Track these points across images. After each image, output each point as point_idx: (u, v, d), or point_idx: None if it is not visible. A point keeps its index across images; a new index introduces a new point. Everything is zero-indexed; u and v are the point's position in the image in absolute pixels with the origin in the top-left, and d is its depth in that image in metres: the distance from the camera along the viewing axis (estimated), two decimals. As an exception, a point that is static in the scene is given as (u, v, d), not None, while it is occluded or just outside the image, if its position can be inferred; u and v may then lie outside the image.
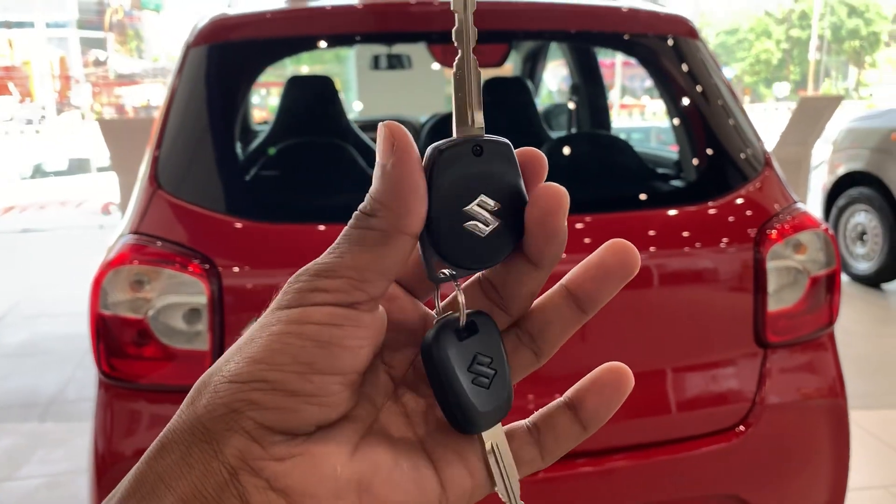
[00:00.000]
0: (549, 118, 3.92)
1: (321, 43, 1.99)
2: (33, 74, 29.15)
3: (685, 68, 1.93)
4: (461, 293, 0.35)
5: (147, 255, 1.57)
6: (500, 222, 0.33)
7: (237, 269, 1.56)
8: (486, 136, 0.33)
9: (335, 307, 0.32)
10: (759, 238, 1.69)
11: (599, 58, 3.13)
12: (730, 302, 1.72)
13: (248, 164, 2.26)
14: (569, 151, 2.17)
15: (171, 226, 1.61)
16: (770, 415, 1.71)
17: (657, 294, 1.70)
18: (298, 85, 2.71)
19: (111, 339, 1.56)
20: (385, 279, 0.33)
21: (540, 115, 3.95)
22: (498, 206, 0.33)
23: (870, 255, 5.40)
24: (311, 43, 2.08)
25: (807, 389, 1.79)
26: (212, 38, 1.80)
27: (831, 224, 5.69)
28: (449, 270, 0.34)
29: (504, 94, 2.68)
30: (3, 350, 4.41)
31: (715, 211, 1.74)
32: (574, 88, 3.41)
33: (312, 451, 0.32)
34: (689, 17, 2.00)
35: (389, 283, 0.33)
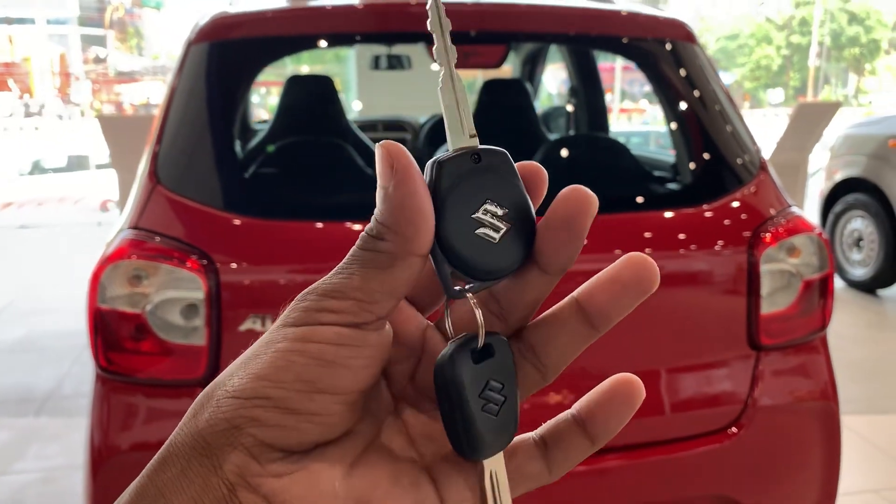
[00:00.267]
0: (548, 120, 3.94)
1: (321, 42, 2.00)
2: (33, 71, 29.15)
3: (682, 72, 1.94)
4: (479, 310, 0.34)
5: (146, 251, 1.58)
6: (510, 226, 0.33)
7: (234, 266, 1.57)
8: (482, 147, 0.33)
9: (342, 327, 0.31)
10: (753, 241, 1.70)
11: (599, 62, 3.14)
12: (723, 304, 1.73)
13: (248, 161, 2.27)
14: (565, 153, 2.19)
15: (169, 221, 1.62)
16: (762, 417, 1.72)
17: (652, 296, 1.71)
18: (298, 84, 2.72)
19: (109, 334, 1.57)
20: (394, 299, 0.32)
21: (539, 117, 3.97)
22: (505, 212, 0.33)
23: (866, 261, 5.42)
24: (310, 42, 2.09)
25: (799, 392, 1.80)
26: (212, 35, 1.81)
27: (828, 230, 5.71)
28: (467, 284, 0.34)
29: (502, 95, 2.69)
30: (2, 345, 4.42)
31: (709, 214, 1.75)
32: (572, 91, 3.43)
33: (311, 467, 0.32)
34: (688, 22, 2.02)
35: (398, 302, 0.33)
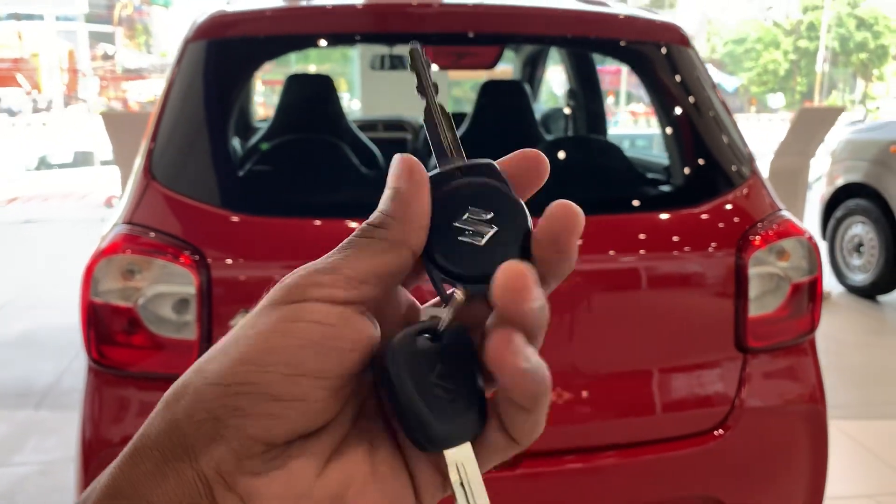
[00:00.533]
0: (549, 122, 3.95)
1: (317, 42, 2.02)
2: (41, 67, 29.26)
3: (676, 75, 1.95)
4: (452, 309, 0.33)
5: (139, 245, 1.60)
6: (496, 230, 0.33)
7: (226, 262, 1.59)
8: (466, 162, 0.34)
9: (330, 305, 0.31)
10: (742, 244, 1.71)
11: (606, 64, 3.15)
12: (711, 306, 1.74)
13: (243, 159, 2.29)
14: (557, 155, 2.20)
15: (163, 217, 1.64)
16: (749, 419, 1.73)
17: (640, 296, 1.72)
18: (298, 83, 2.73)
19: (101, 327, 1.59)
20: (382, 286, 0.32)
21: (540, 118, 3.98)
22: (491, 216, 0.33)
23: (866, 266, 5.42)
24: (307, 41, 2.11)
25: (786, 395, 1.82)
26: (209, 34, 1.83)
27: (828, 235, 5.71)
28: (461, 289, 0.33)
29: (500, 96, 2.70)
30: (2, 339, 4.45)
31: (699, 216, 1.76)
32: (571, 93, 3.44)
33: (289, 465, 0.31)
34: (684, 25, 2.03)
35: (384, 292, 0.33)
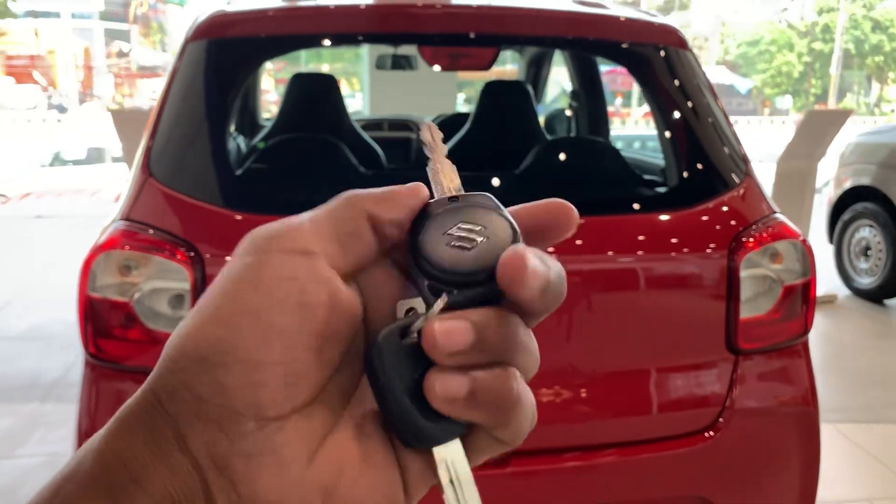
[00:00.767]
0: (554, 123, 3.96)
1: (316, 42, 2.04)
2: (57, 64, 29.49)
3: (673, 77, 1.96)
4: (431, 301, 0.32)
5: (136, 241, 1.63)
6: (485, 240, 0.33)
7: (220, 258, 1.61)
8: (464, 192, 0.35)
9: (291, 255, 0.31)
10: (734, 246, 1.72)
11: (618, 66, 3.15)
12: (703, 308, 1.75)
13: (241, 157, 2.31)
14: (554, 156, 2.21)
15: (159, 214, 1.67)
16: (739, 420, 1.74)
17: (632, 297, 1.73)
18: (301, 82, 2.76)
19: (98, 321, 1.62)
20: (341, 243, 0.32)
21: (545, 118, 3.99)
22: (481, 228, 0.33)
23: (873, 270, 5.39)
24: (306, 42, 2.13)
25: (777, 397, 1.82)
26: (209, 33, 1.85)
27: (836, 238, 5.69)
28: (445, 290, 0.33)
29: (502, 97, 2.71)
30: (10, 333, 4.51)
31: (692, 218, 1.77)
32: (573, 94, 3.45)
33: (281, 451, 0.30)
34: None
35: (351, 258, 0.33)
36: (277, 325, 0.30)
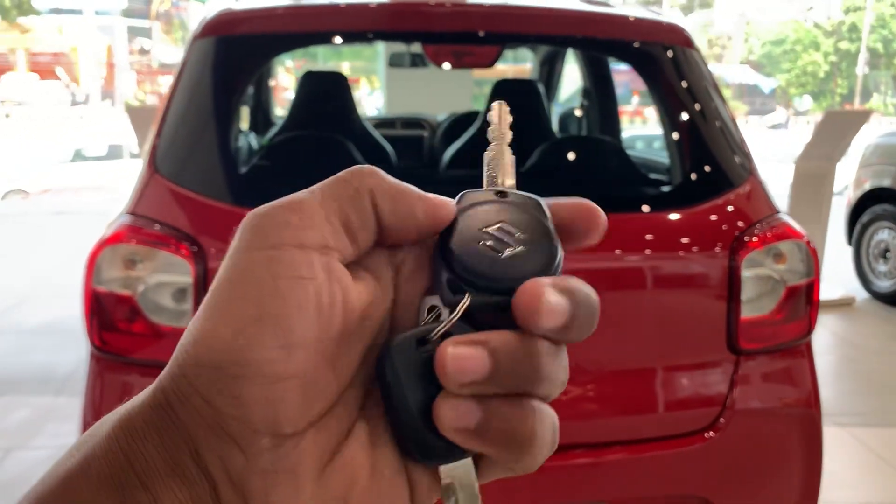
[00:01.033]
0: (568, 121, 3.95)
1: (321, 39, 2.05)
2: (80, 61, 29.82)
3: (678, 76, 1.95)
4: (460, 311, 0.30)
5: (140, 236, 1.65)
6: (522, 249, 0.31)
7: (222, 253, 1.63)
8: (512, 190, 0.33)
9: (310, 252, 0.29)
10: (736, 246, 1.71)
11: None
12: (704, 307, 1.75)
13: (246, 154, 2.33)
14: (559, 154, 2.21)
15: (164, 209, 1.69)
16: (740, 420, 1.73)
17: (633, 295, 1.73)
18: (311, 80, 2.77)
19: (103, 314, 1.65)
20: (351, 234, 0.30)
21: (559, 117, 3.98)
22: (522, 236, 0.31)
23: (892, 272, 5.34)
24: (312, 39, 2.15)
25: (779, 398, 1.81)
26: (216, 31, 1.87)
27: (854, 240, 5.63)
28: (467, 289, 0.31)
29: (513, 95, 2.71)
30: (26, 327, 4.57)
31: (694, 217, 1.77)
32: (585, 93, 3.45)
33: (297, 468, 0.29)
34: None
35: (367, 241, 0.31)
36: (297, 334, 0.28)
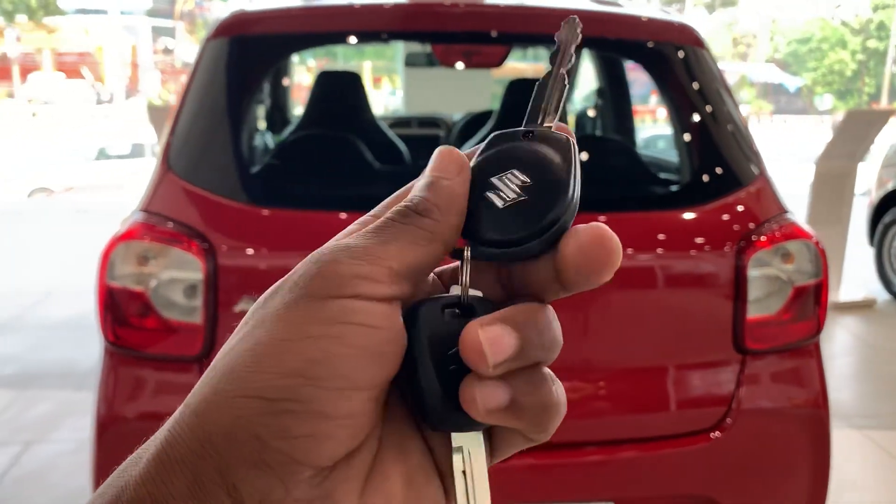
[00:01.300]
0: (584, 120, 3.95)
1: (333, 40, 2.07)
2: (105, 60, 30.18)
3: (688, 76, 1.95)
4: (466, 267, 0.31)
5: (153, 233, 1.68)
6: (524, 198, 0.30)
7: (232, 251, 1.66)
8: (540, 128, 0.32)
9: (374, 303, 0.29)
10: (743, 245, 1.71)
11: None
12: (711, 307, 1.74)
13: (258, 153, 2.36)
14: None
15: (176, 206, 1.72)
16: (746, 420, 1.73)
17: (640, 294, 1.74)
18: (326, 80, 2.80)
19: (116, 310, 1.68)
20: (416, 281, 0.31)
21: (577, 115, 3.98)
22: (527, 184, 0.31)
23: (914, 274, 5.27)
24: (323, 39, 2.17)
25: (786, 398, 1.81)
26: (228, 31, 1.90)
27: (876, 241, 5.57)
28: (467, 248, 0.31)
29: (527, 95, 2.72)
30: (49, 322, 4.65)
31: (701, 217, 1.77)
32: (599, 92, 3.45)
33: (334, 495, 0.29)
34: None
35: (416, 287, 0.31)
36: (353, 380, 0.28)
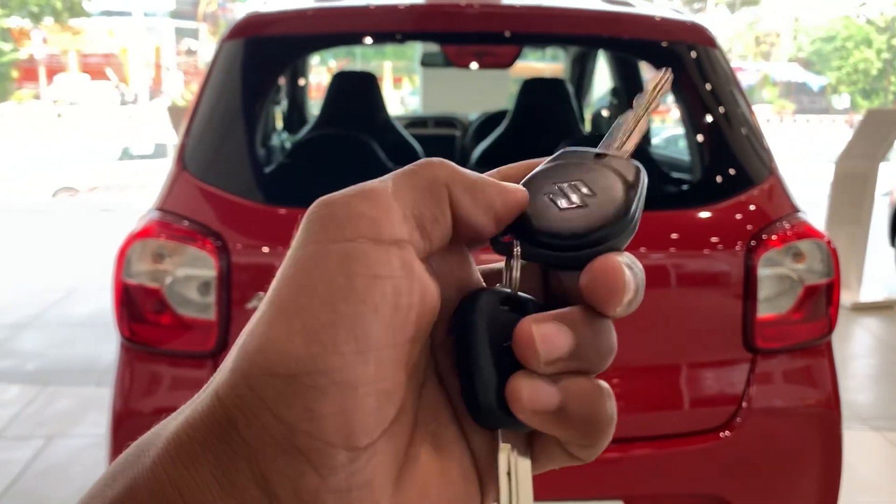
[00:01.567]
0: (600, 120, 3.95)
1: (347, 41, 2.10)
2: (129, 62, 30.54)
3: (700, 76, 1.95)
4: (518, 262, 0.30)
5: (168, 231, 1.71)
6: (585, 207, 0.30)
7: (245, 248, 1.69)
8: (612, 152, 0.32)
9: (386, 246, 0.26)
10: (753, 244, 1.71)
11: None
12: (721, 306, 1.75)
13: (272, 152, 2.39)
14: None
15: (191, 205, 1.75)
16: (756, 419, 1.73)
17: (651, 294, 1.74)
18: (342, 80, 2.83)
19: (132, 306, 1.71)
20: (425, 230, 0.28)
21: (593, 115, 3.98)
22: (591, 195, 0.30)
23: (935, 275, 5.22)
24: (338, 40, 2.19)
25: (796, 397, 1.80)
26: (244, 32, 1.93)
27: (898, 241, 5.52)
28: (514, 240, 0.30)
29: (541, 94, 2.73)
30: (72, 319, 4.73)
31: (712, 215, 1.77)
32: (614, 92, 3.45)
33: (373, 483, 0.26)
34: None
35: (440, 237, 0.28)
36: (373, 339, 0.25)
